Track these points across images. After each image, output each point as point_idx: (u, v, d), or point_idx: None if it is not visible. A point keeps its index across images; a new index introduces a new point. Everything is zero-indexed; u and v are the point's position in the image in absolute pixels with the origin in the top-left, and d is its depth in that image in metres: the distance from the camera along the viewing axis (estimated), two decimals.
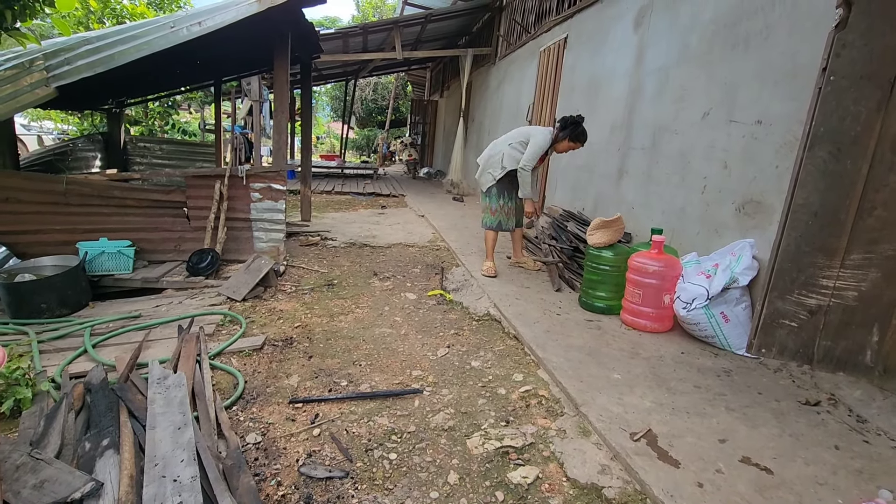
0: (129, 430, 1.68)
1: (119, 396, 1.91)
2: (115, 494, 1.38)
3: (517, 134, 3.95)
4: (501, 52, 8.54)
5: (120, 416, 1.78)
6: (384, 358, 2.67)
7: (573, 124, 3.76)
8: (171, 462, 1.52)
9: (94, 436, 1.68)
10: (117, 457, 1.55)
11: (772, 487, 1.60)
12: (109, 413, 1.79)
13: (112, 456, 1.56)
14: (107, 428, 1.70)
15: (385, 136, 18.99)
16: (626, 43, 4.36)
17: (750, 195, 2.86)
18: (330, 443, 1.93)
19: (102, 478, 1.46)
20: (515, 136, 3.93)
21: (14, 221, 3.64)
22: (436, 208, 7.52)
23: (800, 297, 1.78)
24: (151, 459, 1.54)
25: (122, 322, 3.04)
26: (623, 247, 3.30)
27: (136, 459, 1.55)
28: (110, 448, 1.60)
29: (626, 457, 1.71)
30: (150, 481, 1.43)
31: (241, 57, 5.70)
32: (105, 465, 1.52)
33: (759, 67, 2.85)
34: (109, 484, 1.44)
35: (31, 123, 13.52)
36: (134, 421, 1.78)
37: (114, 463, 1.53)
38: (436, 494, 1.65)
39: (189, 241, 4.15)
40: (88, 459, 1.57)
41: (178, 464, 1.52)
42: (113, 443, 1.62)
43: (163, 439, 1.64)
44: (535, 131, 3.86)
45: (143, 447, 1.65)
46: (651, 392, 2.19)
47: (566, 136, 3.77)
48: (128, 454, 1.54)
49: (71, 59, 3.28)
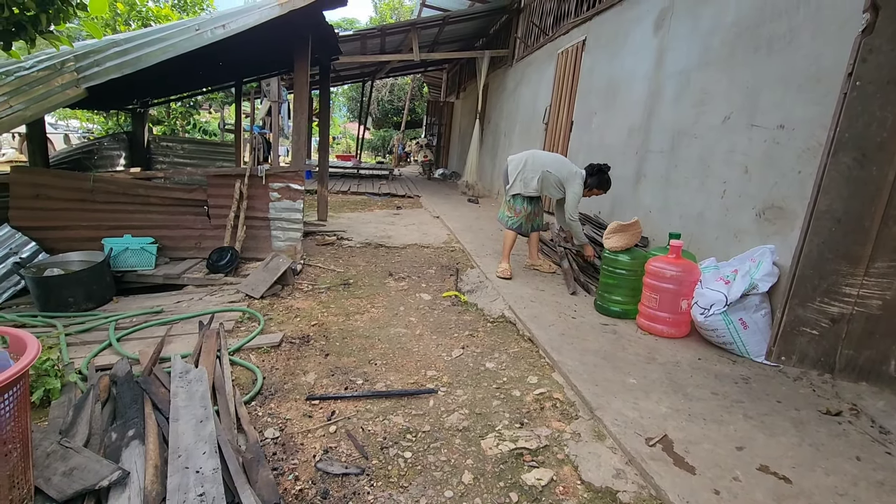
0: (153, 422, 1.73)
1: (143, 389, 1.97)
2: (141, 483, 1.43)
3: (558, 164, 3.96)
4: (519, 54, 8.53)
5: (145, 408, 1.84)
6: (399, 357, 2.69)
7: (599, 172, 3.85)
8: (194, 454, 1.56)
9: (121, 426, 1.73)
10: (142, 447, 1.60)
11: (790, 497, 1.58)
12: (135, 405, 1.85)
13: (137, 446, 1.61)
14: (132, 419, 1.76)
15: (401, 137, 19.09)
16: (646, 46, 4.33)
17: (771, 200, 2.82)
18: (346, 440, 1.95)
19: (128, 467, 1.51)
20: (554, 166, 3.94)
21: (43, 217, 3.76)
22: (451, 210, 7.54)
23: (822, 304, 1.76)
24: (175, 451, 1.58)
25: (144, 317, 3.11)
26: (640, 251, 3.28)
27: (160, 450, 1.59)
28: (136, 439, 1.65)
29: (642, 462, 1.71)
30: (174, 472, 1.47)
31: (261, 59, 5.80)
32: (131, 455, 1.57)
33: (782, 71, 2.82)
34: (135, 473, 1.49)
35: (58, 122, 13.90)
36: (158, 413, 1.83)
37: (139, 453, 1.57)
38: (450, 493, 1.67)
39: (209, 238, 4.24)
40: (115, 449, 1.62)
41: (200, 456, 1.56)
42: (138, 433, 1.67)
43: (185, 432, 1.68)
44: (573, 177, 3.88)
45: (167, 439, 1.70)
46: (667, 397, 2.18)
47: (592, 186, 3.88)
48: (152, 445, 1.58)
49: (100, 60, 3.38)
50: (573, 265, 4.14)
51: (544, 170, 3.92)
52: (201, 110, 11.09)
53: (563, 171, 3.92)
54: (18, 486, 1.37)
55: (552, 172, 3.91)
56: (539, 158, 4.02)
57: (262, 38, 4.01)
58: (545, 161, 3.99)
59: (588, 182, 3.86)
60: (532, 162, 3.99)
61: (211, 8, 8.67)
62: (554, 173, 3.91)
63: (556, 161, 4.01)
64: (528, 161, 4.01)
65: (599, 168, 3.85)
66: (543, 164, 3.96)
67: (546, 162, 3.98)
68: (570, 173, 3.90)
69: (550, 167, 3.93)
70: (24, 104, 3.27)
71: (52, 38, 2.55)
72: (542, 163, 3.97)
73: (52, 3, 2.44)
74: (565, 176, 3.90)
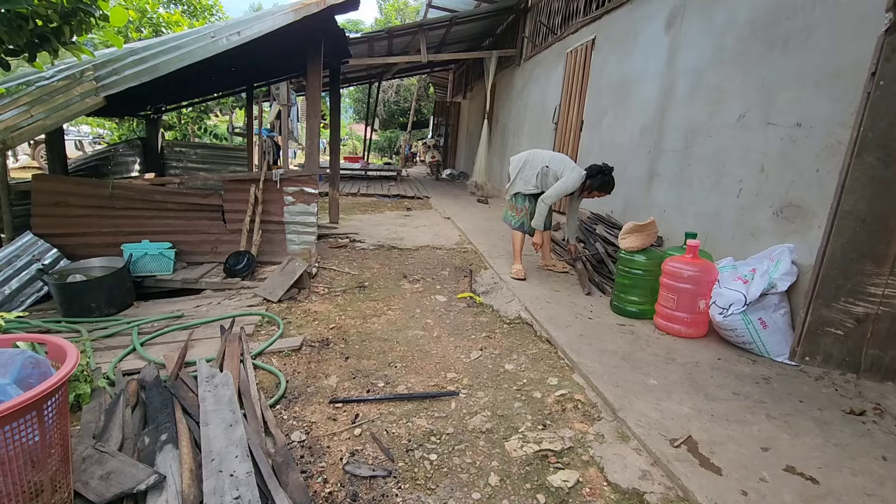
0: (184, 427, 1.76)
1: (173, 394, 2.00)
2: (178, 487, 1.46)
3: (559, 162, 3.96)
4: (527, 54, 8.53)
5: (175, 412, 1.87)
6: (418, 360, 2.72)
7: (600, 173, 3.80)
8: (227, 458, 1.59)
9: (153, 431, 1.77)
10: (176, 451, 1.63)
11: (818, 497, 1.59)
12: (165, 409, 1.88)
13: (171, 450, 1.64)
14: (164, 424, 1.79)
15: (407, 138, 19.13)
16: (657, 44, 4.32)
17: (789, 199, 2.82)
18: (371, 442, 1.98)
19: (164, 471, 1.54)
20: (554, 162, 3.96)
21: (64, 224, 3.83)
22: (461, 210, 7.55)
23: (846, 304, 1.75)
24: (208, 455, 1.61)
25: (166, 321, 3.16)
26: (656, 251, 3.28)
27: (194, 454, 1.62)
28: (168, 443, 1.68)
29: (668, 463, 1.72)
30: (209, 475, 1.50)
31: (273, 63, 5.85)
32: (165, 459, 1.60)
33: (799, 68, 2.80)
34: (171, 477, 1.52)
35: (69, 128, 14.07)
36: (188, 417, 1.86)
37: (173, 457, 1.61)
38: (478, 495, 1.69)
39: (225, 243, 4.29)
40: (149, 453, 1.66)
41: (232, 459, 1.59)
42: (171, 438, 1.70)
43: (216, 436, 1.72)
44: (570, 171, 3.86)
45: (198, 443, 1.73)
46: (689, 398, 2.18)
47: (593, 187, 3.84)
48: (186, 449, 1.62)
49: (118, 69, 3.43)
50: (587, 265, 4.14)
51: (543, 165, 3.94)
52: (211, 114, 11.19)
53: (562, 166, 3.92)
54: (59, 489, 1.41)
55: (551, 167, 3.92)
56: (539, 156, 4.04)
57: (274, 43, 4.05)
58: (545, 158, 4.00)
59: (588, 183, 3.83)
60: (532, 160, 4.02)
61: (220, 13, 8.75)
62: (552, 168, 3.92)
63: (555, 157, 4.02)
64: (528, 159, 4.04)
65: (600, 169, 3.82)
66: (543, 160, 3.98)
67: (545, 158, 4.00)
68: (568, 168, 3.89)
69: (549, 163, 3.94)
70: (45, 113, 3.33)
71: (74, 48, 2.60)
72: (541, 160, 3.99)
73: (74, 15, 2.48)
74: (562, 170, 3.89)
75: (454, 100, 16.26)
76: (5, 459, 1.22)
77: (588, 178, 3.82)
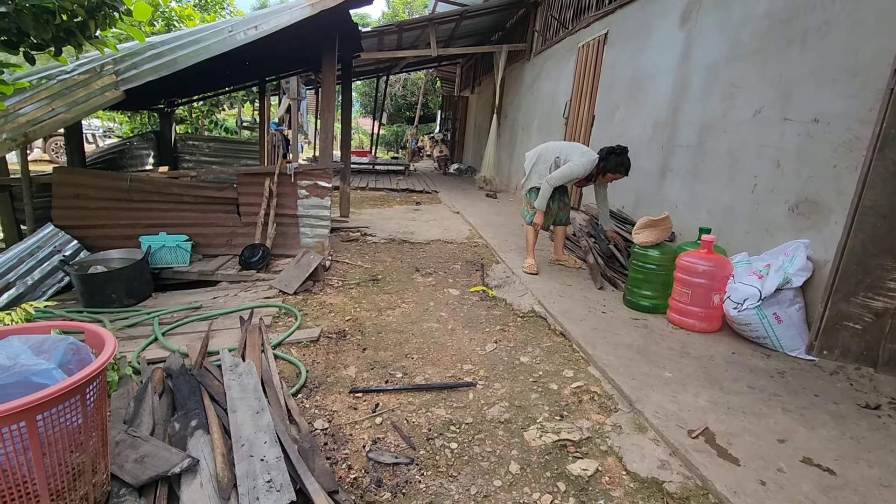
0: (213, 413, 1.81)
1: (199, 382, 2.05)
2: (212, 471, 1.51)
3: (569, 149, 3.96)
4: (537, 48, 8.50)
5: (203, 400, 1.92)
6: (434, 352, 2.75)
7: (612, 154, 3.77)
8: (256, 443, 1.64)
9: (182, 417, 1.82)
10: (207, 437, 1.68)
11: (836, 488, 1.61)
12: (193, 397, 1.93)
13: (202, 436, 1.69)
14: (193, 410, 1.84)
15: (414, 132, 19.12)
16: (672, 39, 4.30)
17: (805, 195, 2.82)
18: (392, 431, 2.02)
19: (196, 455, 1.59)
20: (565, 151, 3.95)
21: (84, 216, 3.89)
22: (470, 205, 7.57)
23: (865, 299, 1.77)
24: (237, 440, 1.66)
25: (185, 312, 3.21)
26: (670, 246, 3.29)
27: (224, 440, 1.67)
28: (199, 428, 1.73)
29: (686, 453, 1.75)
30: (240, 460, 1.55)
31: (286, 58, 5.87)
32: (197, 444, 1.65)
33: (817, 64, 2.80)
34: (203, 461, 1.57)
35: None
36: (216, 405, 1.91)
37: (205, 442, 1.65)
38: (499, 483, 1.73)
39: (240, 236, 4.34)
40: (180, 438, 1.71)
41: (261, 445, 1.64)
42: (201, 424, 1.75)
43: (244, 422, 1.76)
44: (580, 155, 3.83)
45: (227, 429, 1.78)
46: (705, 391, 2.21)
47: (608, 169, 3.80)
48: (216, 434, 1.66)
49: (137, 63, 3.46)
50: (598, 260, 4.16)
51: (556, 157, 3.94)
52: (220, 108, 11.24)
53: (571, 151, 3.90)
54: (99, 471, 1.46)
55: (561, 157, 3.91)
56: (551, 148, 4.04)
57: (289, 37, 4.07)
58: (557, 149, 4.00)
59: (602, 165, 3.79)
60: (545, 152, 4.03)
61: (231, 6, 8.77)
62: (562, 157, 3.91)
63: (566, 146, 4.02)
64: (541, 153, 4.05)
65: (612, 150, 3.77)
66: (555, 151, 3.98)
67: (557, 149, 3.99)
68: (577, 153, 3.85)
69: (560, 153, 3.94)
70: (66, 107, 3.38)
71: (98, 43, 2.64)
72: (554, 151, 3.99)
73: (99, 10, 2.52)
74: (571, 156, 3.85)
75: (462, 94, 16.22)
76: (52, 440, 1.26)
77: (601, 161, 3.79)
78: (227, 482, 1.43)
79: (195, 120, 8.81)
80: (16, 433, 1.19)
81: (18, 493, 1.24)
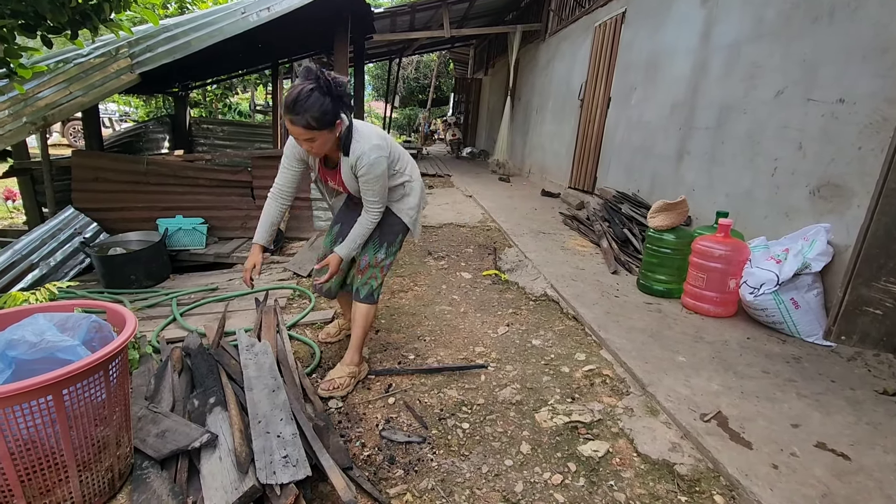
0: (231, 391, 1.86)
1: (217, 360, 2.10)
2: (230, 445, 1.55)
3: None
4: (552, 28, 8.32)
5: (221, 378, 1.97)
6: (446, 334, 2.77)
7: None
8: (272, 420, 1.68)
9: (201, 394, 1.86)
10: (225, 413, 1.73)
11: (850, 473, 1.60)
12: (211, 375, 1.98)
13: (220, 412, 1.74)
14: (211, 388, 1.89)
15: (427, 116, 18.97)
16: (692, 18, 4.18)
17: (827, 178, 2.75)
18: (405, 411, 2.05)
19: (215, 430, 1.64)
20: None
21: (102, 199, 3.96)
22: (483, 188, 7.53)
23: (887, 284, 1.73)
24: (254, 417, 1.70)
25: (201, 294, 3.28)
26: (686, 230, 3.25)
27: (241, 416, 1.71)
28: (217, 405, 1.78)
29: (698, 436, 1.75)
30: (258, 436, 1.59)
31: (299, 40, 5.84)
32: (215, 420, 1.70)
33: (845, 42, 2.70)
34: (222, 436, 1.61)
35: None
36: (233, 383, 1.95)
37: (223, 418, 1.70)
38: (510, 462, 1.75)
39: (254, 218, 4.36)
40: (199, 415, 1.76)
41: (278, 422, 1.67)
42: (219, 401, 1.80)
43: (261, 400, 1.80)
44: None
45: (244, 406, 1.82)
46: (718, 375, 2.20)
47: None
48: (234, 411, 1.71)
49: (152, 46, 3.48)
50: (612, 244, 4.12)
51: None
52: (233, 92, 11.27)
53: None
54: (122, 444, 1.51)
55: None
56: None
57: (301, 19, 4.04)
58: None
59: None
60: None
61: None
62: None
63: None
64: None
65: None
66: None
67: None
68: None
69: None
70: (83, 90, 3.42)
71: (113, 26, 2.66)
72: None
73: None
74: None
75: (475, 76, 16.00)
76: (77, 414, 1.31)
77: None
78: (244, 457, 1.47)
79: (209, 103, 8.85)
80: (44, 406, 1.23)
81: (48, 463, 1.29)
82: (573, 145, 6.70)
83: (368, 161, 1.92)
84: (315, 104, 1.73)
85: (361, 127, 1.98)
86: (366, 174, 1.95)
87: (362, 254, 2.16)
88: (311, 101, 1.72)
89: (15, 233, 4.38)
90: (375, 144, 1.94)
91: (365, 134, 1.96)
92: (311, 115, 1.74)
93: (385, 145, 2.03)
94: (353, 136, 1.93)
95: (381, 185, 2.01)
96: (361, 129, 1.97)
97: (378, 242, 2.19)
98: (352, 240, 2.10)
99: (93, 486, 1.41)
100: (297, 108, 1.72)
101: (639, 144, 4.96)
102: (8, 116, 3.17)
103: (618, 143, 5.45)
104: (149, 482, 1.47)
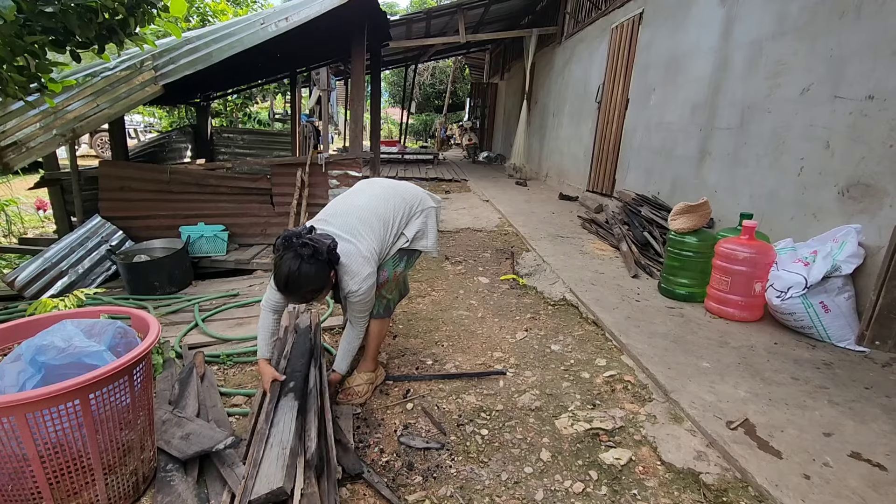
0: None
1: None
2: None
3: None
4: (568, 31, 8.28)
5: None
6: (464, 339, 2.76)
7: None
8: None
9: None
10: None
11: (887, 484, 1.53)
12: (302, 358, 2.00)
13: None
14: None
15: (443, 121, 19.04)
16: (712, 16, 4.11)
17: (857, 177, 2.66)
18: (423, 416, 2.04)
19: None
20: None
21: (128, 208, 4.07)
22: (499, 193, 7.51)
23: None
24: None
25: (223, 300, 3.33)
26: (708, 232, 3.18)
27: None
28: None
29: (724, 444, 1.70)
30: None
31: (316, 48, 5.93)
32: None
33: (873, 37, 2.61)
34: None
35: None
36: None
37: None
38: (530, 469, 1.72)
39: (274, 225, 4.45)
40: (224, 420, 1.78)
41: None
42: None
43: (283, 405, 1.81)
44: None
45: None
46: (744, 382, 2.13)
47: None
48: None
49: (175, 58, 3.57)
50: (632, 248, 4.06)
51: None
52: (253, 101, 11.50)
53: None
54: (146, 447, 1.54)
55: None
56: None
57: (319, 28, 4.11)
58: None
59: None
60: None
61: (262, 0, 8.90)
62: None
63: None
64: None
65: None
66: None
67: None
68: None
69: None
70: (109, 103, 3.52)
71: (138, 39, 2.73)
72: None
73: (138, 7, 2.60)
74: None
75: (491, 81, 16.01)
76: (103, 418, 1.34)
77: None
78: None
79: (230, 113, 9.04)
80: (71, 411, 1.26)
81: (75, 466, 1.32)
82: (591, 148, 6.64)
83: (360, 292, 1.91)
84: (306, 280, 1.72)
85: (347, 261, 1.88)
86: (357, 301, 1.95)
87: (381, 269, 2.11)
88: (302, 279, 1.71)
89: (46, 241, 4.53)
90: (366, 276, 1.90)
91: (353, 269, 1.89)
92: (306, 290, 1.76)
93: (374, 261, 1.97)
94: (344, 275, 1.90)
95: (368, 302, 2.00)
96: (348, 264, 1.88)
97: (399, 256, 2.19)
98: (348, 352, 2.14)
99: (118, 488, 1.43)
100: (291, 289, 1.73)
101: (658, 146, 4.89)
102: (39, 129, 3.29)
103: (636, 145, 5.38)
104: (173, 485, 1.49)
